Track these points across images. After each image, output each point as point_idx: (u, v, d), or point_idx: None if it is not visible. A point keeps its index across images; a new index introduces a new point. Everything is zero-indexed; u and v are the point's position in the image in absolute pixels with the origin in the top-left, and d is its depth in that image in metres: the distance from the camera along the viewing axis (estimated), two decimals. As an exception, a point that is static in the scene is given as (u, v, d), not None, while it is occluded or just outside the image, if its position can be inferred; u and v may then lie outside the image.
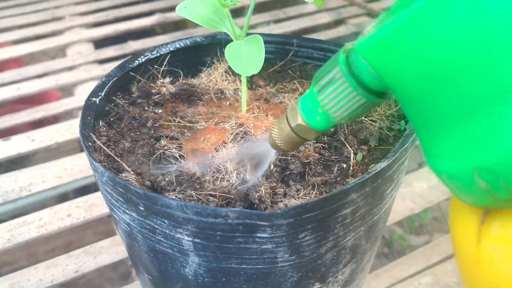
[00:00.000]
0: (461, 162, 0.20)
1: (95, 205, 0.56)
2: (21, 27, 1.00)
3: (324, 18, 0.99)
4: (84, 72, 0.82)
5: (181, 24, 1.22)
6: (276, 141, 0.28)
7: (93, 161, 0.27)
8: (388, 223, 0.53)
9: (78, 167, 0.61)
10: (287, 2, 1.11)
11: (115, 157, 0.29)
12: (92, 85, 0.78)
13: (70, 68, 0.85)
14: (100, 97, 0.35)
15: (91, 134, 0.30)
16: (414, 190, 0.58)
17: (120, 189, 0.27)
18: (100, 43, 0.94)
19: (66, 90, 0.89)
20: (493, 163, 0.19)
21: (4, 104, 0.83)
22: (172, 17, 1.00)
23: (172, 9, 1.10)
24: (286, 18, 1.01)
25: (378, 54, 0.21)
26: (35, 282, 0.47)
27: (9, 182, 0.59)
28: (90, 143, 0.30)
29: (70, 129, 0.68)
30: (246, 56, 0.32)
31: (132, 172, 0.29)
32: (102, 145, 0.30)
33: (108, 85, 0.36)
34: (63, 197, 0.75)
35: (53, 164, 0.62)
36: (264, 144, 0.29)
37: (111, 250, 0.51)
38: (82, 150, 0.67)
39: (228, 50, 0.33)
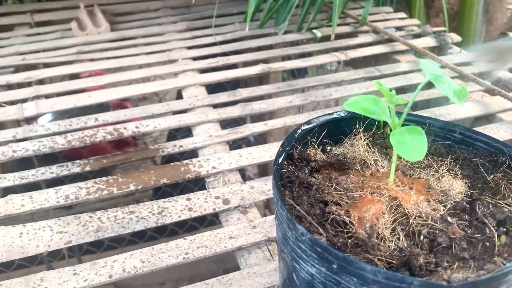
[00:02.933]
0: None
1: (223, 240, 0.64)
2: (140, 66, 1.15)
3: (418, 78, 1.05)
4: (202, 114, 0.93)
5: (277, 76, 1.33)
6: None
7: (297, 225, 0.35)
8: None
9: (205, 204, 0.70)
10: (379, 59, 1.19)
11: (315, 223, 0.37)
12: (208, 128, 0.88)
13: (187, 110, 0.96)
14: (278, 164, 0.43)
15: (286, 198, 0.38)
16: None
17: (319, 249, 0.34)
18: (207, 88, 1.05)
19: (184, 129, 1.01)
20: None
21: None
22: (275, 68, 1.10)
23: (273, 59, 1.21)
24: (380, 75, 1.08)
25: None
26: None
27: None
28: (287, 206, 0.37)
29: (196, 166, 0.78)
30: (410, 144, 0.39)
31: (324, 235, 0.37)
32: (301, 210, 0.37)
33: (283, 154, 0.44)
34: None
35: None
36: None
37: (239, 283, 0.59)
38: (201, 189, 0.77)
39: (393, 138, 0.40)
